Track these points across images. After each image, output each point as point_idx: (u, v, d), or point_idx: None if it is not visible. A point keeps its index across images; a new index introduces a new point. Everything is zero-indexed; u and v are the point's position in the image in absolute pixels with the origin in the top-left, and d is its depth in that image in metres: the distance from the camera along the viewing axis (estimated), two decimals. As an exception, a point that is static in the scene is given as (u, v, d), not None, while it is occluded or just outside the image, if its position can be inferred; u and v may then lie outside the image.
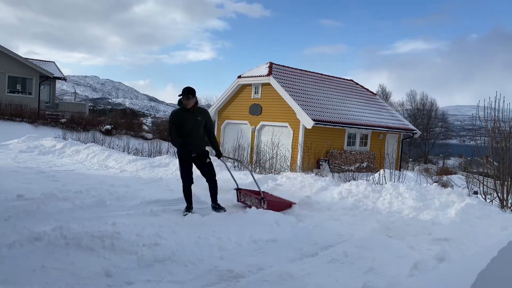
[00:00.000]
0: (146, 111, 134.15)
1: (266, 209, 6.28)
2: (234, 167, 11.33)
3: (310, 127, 17.97)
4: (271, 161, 12.92)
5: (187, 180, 6.16)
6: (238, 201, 6.98)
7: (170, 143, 19.50)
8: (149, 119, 47.52)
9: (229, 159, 6.72)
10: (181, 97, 5.86)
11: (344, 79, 26.59)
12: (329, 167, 18.96)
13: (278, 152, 14.03)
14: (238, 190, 7.01)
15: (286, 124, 19.44)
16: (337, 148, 19.96)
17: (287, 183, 8.57)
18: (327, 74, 25.25)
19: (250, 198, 6.70)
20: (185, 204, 6.41)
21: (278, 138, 17.62)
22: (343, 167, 19.47)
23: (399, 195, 7.08)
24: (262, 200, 6.44)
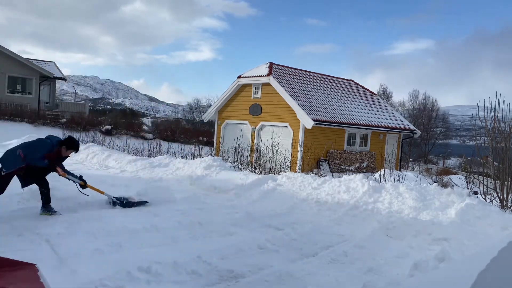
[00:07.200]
0: (146, 111, 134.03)
1: None
2: (234, 167, 11.33)
3: (310, 127, 17.96)
4: (271, 161, 12.91)
5: None
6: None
7: (171, 144, 19.49)
8: (149, 119, 47.44)
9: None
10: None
11: (344, 79, 26.57)
12: (329, 167, 18.96)
13: (278, 152, 14.02)
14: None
15: (286, 124, 19.42)
16: (337, 148, 19.96)
17: (287, 183, 8.57)
18: (327, 74, 25.25)
19: None
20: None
21: (278, 138, 17.61)
22: (343, 167, 19.46)
23: (399, 195, 7.08)
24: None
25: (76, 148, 5.83)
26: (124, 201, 6.46)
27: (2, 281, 2.02)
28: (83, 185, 6.03)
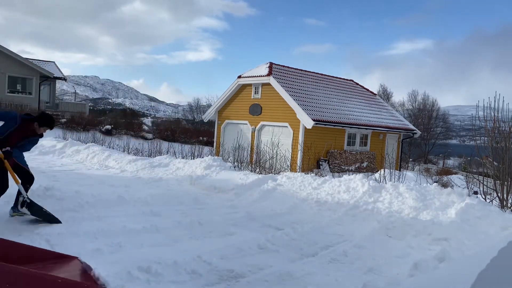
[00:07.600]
0: (146, 111, 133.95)
1: None
2: (234, 167, 11.33)
3: (310, 127, 17.96)
4: (271, 161, 12.92)
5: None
6: None
7: (170, 144, 19.48)
8: (149, 119, 47.44)
9: None
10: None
11: (344, 79, 26.56)
12: (329, 167, 18.95)
13: (278, 152, 14.03)
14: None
15: (286, 124, 19.43)
16: (337, 148, 19.96)
17: (287, 183, 8.57)
18: (327, 74, 25.24)
19: None
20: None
21: (278, 138, 17.61)
22: (343, 167, 19.46)
23: (399, 195, 7.08)
24: None
25: (50, 125, 5.20)
26: (35, 207, 5.17)
27: (53, 271, 2.20)
28: (1, 158, 5.00)
